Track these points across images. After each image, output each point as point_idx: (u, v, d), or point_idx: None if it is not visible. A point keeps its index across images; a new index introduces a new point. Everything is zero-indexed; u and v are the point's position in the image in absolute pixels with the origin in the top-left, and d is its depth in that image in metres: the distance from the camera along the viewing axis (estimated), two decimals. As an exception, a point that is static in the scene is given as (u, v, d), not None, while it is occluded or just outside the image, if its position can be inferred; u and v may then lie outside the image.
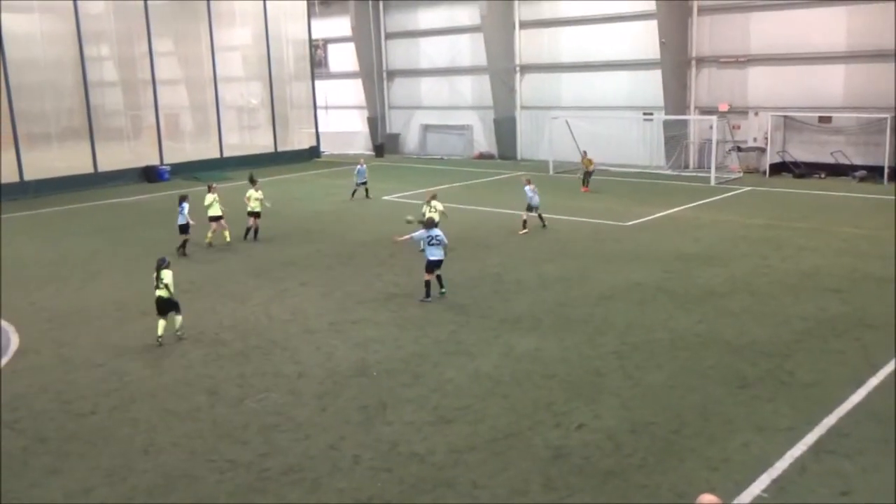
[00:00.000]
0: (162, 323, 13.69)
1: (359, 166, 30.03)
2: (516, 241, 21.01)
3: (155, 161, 37.57)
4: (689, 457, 9.29)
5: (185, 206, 20.33)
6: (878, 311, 14.58)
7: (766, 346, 12.86)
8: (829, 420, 10.08)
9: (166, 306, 13.72)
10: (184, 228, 20.41)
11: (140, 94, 38.28)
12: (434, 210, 19.50)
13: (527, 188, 22.57)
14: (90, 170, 35.24)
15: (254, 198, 22.19)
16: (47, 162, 33.53)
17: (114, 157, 36.31)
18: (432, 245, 15.78)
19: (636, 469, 9.04)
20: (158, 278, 13.59)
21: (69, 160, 34.82)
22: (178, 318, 13.94)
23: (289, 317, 15.27)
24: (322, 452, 9.67)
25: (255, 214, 22.22)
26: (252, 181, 23.05)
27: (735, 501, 8.28)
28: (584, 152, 31.17)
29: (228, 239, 21.72)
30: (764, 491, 8.49)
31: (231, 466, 9.40)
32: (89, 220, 27.28)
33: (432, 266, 15.86)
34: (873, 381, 11.31)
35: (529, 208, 22.47)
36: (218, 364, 12.84)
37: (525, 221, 22.38)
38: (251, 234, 22.29)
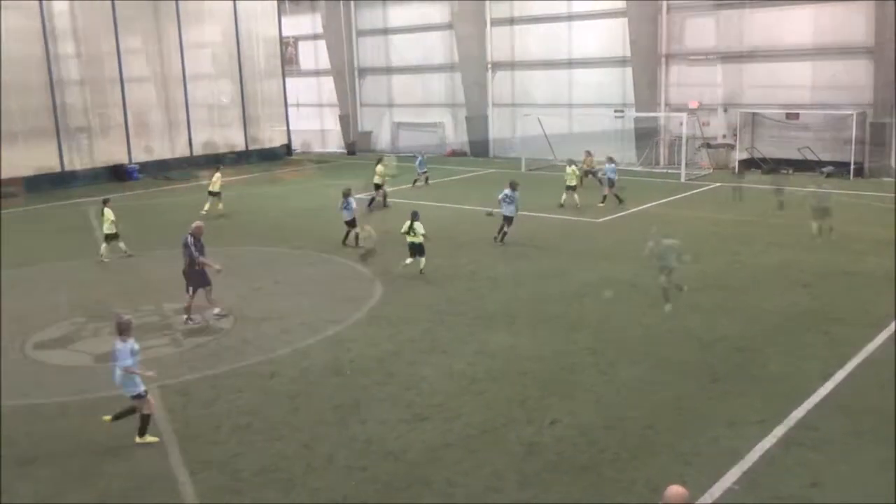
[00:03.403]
0: (409, 260, 17.46)
1: (419, 157, 32.53)
2: (489, 239, 21.02)
3: (124, 160, 37.16)
4: (661, 451, 9.38)
5: (352, 200, 21.23)
6: (845, 305, 14.82)
7: (737, 341, 13.02)
8: (798, 413, 10.24)
9: (416, 250, 17.46)
10: (351, 223, 20.98)
11: (108, 92, 37.71)
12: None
13: (611, 166, 25.88)
14: (57, 169, 34.78)
15: (380, 172, 26.84)
16: (13, 161, 32.92)
17: (81, 156, 35.84)
18: (506, 203, 20.14)
19: (610, 464, 9.11)
20: (412, 227, 17.29)
21: (35, 159, 34.27)
22: (422, 260, 17.49)
23: (262, 316, 15.17)
24: (296, 452, 9.62)
25: (378, 186, 26.69)
26: (379, 160, 27.82)
27: (707, 493, 8.39)
28: (588, 152, 30.77)
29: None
30: (735, 483, 8.61)
31: (204, 467, 9.32)
32: (57, 220, 26.88)
33: (507, 219, 20.28)
34: (841, 375, 11.50)
35: (611, 184, 25.60)
36: (190, 364, 12.72)
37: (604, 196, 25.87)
38: (377, 201, 26.54)
